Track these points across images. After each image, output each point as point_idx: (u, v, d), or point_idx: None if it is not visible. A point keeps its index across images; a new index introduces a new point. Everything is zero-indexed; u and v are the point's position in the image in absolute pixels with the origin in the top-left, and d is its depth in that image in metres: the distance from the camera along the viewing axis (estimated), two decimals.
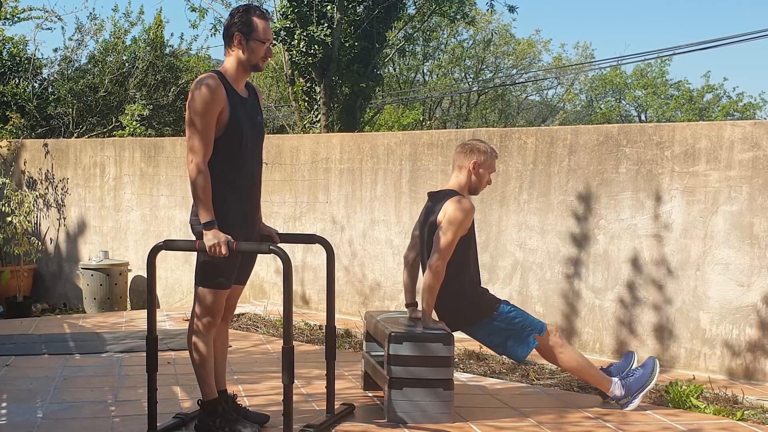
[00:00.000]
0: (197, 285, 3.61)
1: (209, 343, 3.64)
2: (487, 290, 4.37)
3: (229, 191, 3.56)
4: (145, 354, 3.68)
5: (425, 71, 30.04)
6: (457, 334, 4.16)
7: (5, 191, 9.54)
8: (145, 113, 12.10)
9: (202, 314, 3.60)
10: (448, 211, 4.08)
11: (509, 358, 4.32)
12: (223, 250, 3.40)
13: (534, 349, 4.23)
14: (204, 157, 3.44)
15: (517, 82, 31.11)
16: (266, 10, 3.66)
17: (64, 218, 9.59)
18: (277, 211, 7.56)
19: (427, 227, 4.19)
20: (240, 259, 3.64)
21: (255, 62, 3.58)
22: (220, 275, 3.55)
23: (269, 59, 3.66)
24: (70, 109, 12.38)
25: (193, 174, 3.44)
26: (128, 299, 8.86)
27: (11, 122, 11.18)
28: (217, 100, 3.45)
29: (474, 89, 29.92)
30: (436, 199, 4.23)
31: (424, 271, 4.18)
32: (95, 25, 13.44)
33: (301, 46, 14.13)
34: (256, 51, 3.57)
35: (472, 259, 4.27)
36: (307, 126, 15.06)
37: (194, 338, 3.64)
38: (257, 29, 3.56)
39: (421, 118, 27.13)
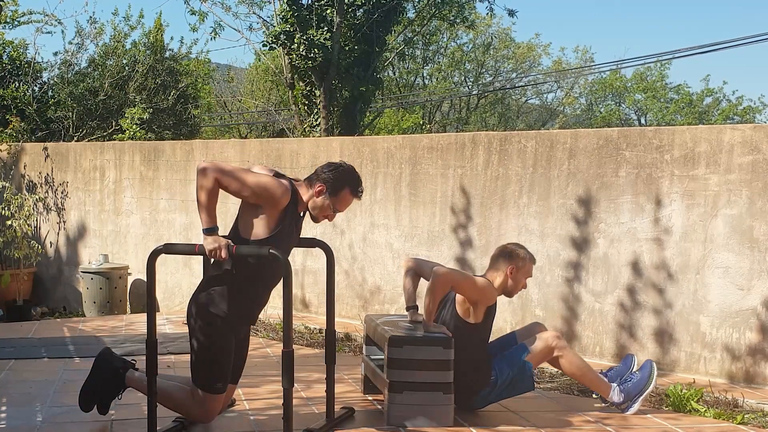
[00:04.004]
0: (195, 385, 3.68)
1: None
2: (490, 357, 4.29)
3: (258, 286, 3.65)
4: (144, 357, 3.68)
5: (425, 75, 30.05)
6: None
7: (5, 195, 9.54)
8: (145, 117, 12.10)
9: (200, 415, 3.73)
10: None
11: (522, 394, 4.31)
12: (223, 254, 3.42)
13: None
14: (219, 177, 3.43)
15: (516, 85, 31.13)
16: (361, 192, 3.77)
17: (64, 222, 9.59)
18: None
19: (447, 303, 4.21)
20: (234, 359, 3.72)
21: (315, 215, 3.71)
22: (217, 380, 3.65)
23: (323, 217, 3.75)
24: (70, 113, 12.38)
25: (206, 178, 3.42)
26: (128, 303, 8.85)
27: (11, 126, 11.17)
28: (268, 201, 3.51)
29: (474, 93, 29.94)
30: None
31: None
32: (95, 28, 13.44)
33: (300, 49, 14.13)
34: (323, 208, 3.68)
35: (486, 341, 4.26)
36: (307, 130, 15.07)
37: (186, 410, 3.77)
38: (339, 199, 3.70)
39: (420, 122, 27.14)
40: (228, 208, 6.26)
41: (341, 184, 3.68)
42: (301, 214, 3.74)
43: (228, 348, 3.63)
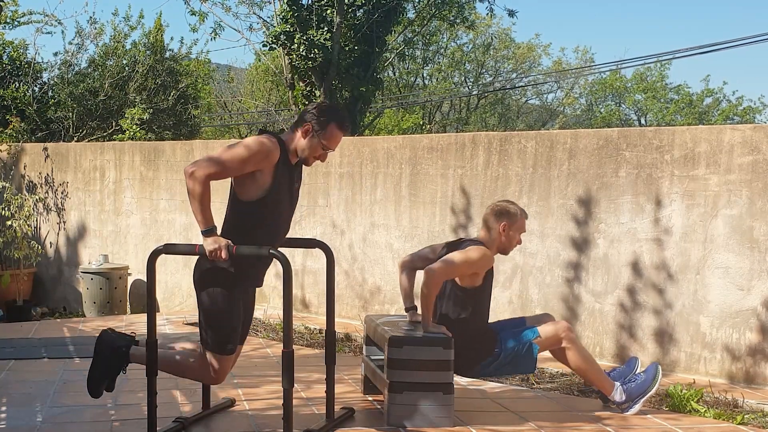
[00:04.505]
0: (206, 349, 3.68)
1: None
2: (491, 330, 4.30)
3: (260, 242, 3.61)
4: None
5: (425, 75, 30.08)
6: None
7: (5, 195, 9.55)
8: (145, 117, 12.11)
9: (212, 378, 3.73)
10: (467, 248, 4.12)
11: (521, 374, 4.31)
12: (224, 255, 3.41)
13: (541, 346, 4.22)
14: (210, 177, 3.43)
15: (517, 86, 31.15)
16: (348, 126, 3.72)
17: (64, 222, 9.59)
18: None
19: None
20: (242, 321, 3.72)
21: (306, 157, 3.66)
22: (228, 342, 3.64)
23: (315, 159, 3.71)
24: (70, 113, 12.39)
25: (196, 183, 3.41)
26: (128, 303, 8.86)
27: (11, 126, 11.18)
28: (262, 162, 3.49)
29: (474, 93, 29.96)
30: (455, 246, 4.23)
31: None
32: (95, 29, 13.46)
33: (301, 50, 14.15)
34: (314, 148, 3.64)
35: (486, 304, 4.27)
36: None
37: (198, 375, 3.78)
38: (328, 135, 3.64)
39: (420, 122, 27.17)
40: None
41: (327, 119, 3.63)
42: (295, 164, 3.70)
43: (236, 309, 3.62)
